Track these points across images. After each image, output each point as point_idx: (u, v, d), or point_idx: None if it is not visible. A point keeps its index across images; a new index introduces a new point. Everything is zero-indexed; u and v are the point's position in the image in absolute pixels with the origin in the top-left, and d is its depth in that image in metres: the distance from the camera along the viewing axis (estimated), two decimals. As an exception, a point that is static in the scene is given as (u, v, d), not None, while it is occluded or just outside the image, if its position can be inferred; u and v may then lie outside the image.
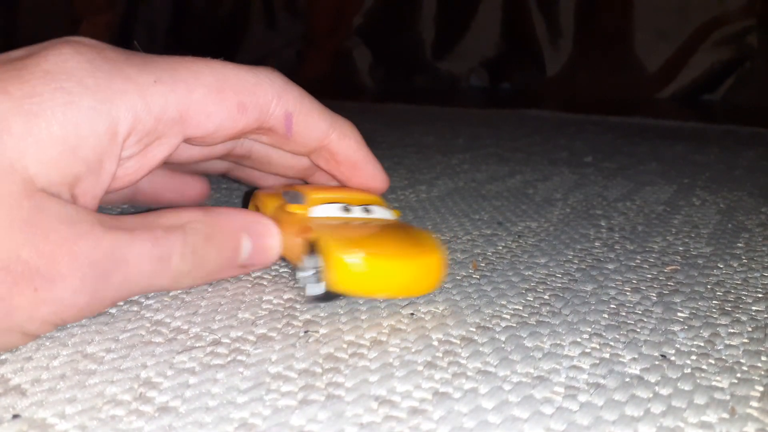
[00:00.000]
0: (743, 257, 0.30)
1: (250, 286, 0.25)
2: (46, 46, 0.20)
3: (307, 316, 0.22)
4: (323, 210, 0.25)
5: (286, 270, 0.26)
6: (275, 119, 0.23)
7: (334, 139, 0.25)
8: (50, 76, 0.19)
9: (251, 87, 0.23)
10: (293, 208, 0.25)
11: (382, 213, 0.25)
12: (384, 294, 0.22)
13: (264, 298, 0.23)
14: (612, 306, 0.24)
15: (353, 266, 0.21)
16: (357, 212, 0.25)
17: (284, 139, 0.25)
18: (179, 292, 0.24)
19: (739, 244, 0.32)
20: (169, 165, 0.28)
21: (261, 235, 0.24)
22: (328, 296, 0.23)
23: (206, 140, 0.23)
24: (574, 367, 0.19)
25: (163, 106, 0.21)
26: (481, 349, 0.20)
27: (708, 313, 0.24)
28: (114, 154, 0.20)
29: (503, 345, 0.20)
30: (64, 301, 0.19)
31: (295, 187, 0.27)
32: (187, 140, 0.23)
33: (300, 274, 0.23)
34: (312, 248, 0.23)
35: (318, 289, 0.22)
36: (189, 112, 0.21)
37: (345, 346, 0.20)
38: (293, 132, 0.24)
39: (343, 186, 0.27)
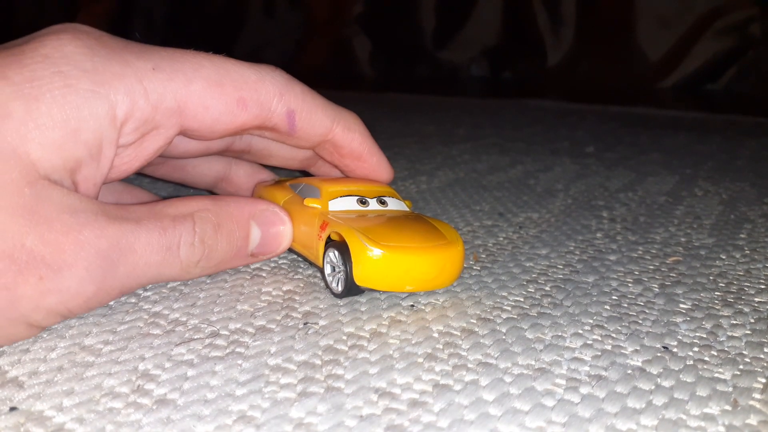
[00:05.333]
0: (746, 248, 0.30)
1: (248, 278, 0.24)
2: (44, 33, 0.20)
3: (307, 308, 0.22)
4: (341, 203, 0.25)
5: (285, 262, 0.26)
6: (278, 117, 0.23)
7: (338, 132, 0.25)
8: (49, 61, 0.19)
9: (253, 83, 0.22)
10: (310, 201, 0.25)
11: (396, 204, 0.25)
12: (408, 287, 0.22)
13: (263, 290, 0.23)
14: (614, 297, 0.24)
15: (379, 261, 0.21)
16: (373, 204, 0.25)
17: (288, 136, 0.24)
18: (177, 283, 0.23)
19: (742, 235, 0.32)
20: (166, 159, 0.28)
21: (271, 223, 0.24)
22: (352, 291, 0.22)
23: (204, 134, 0.22)
24: (576, 358, 0.19)
25: (161, 94, 0.21)
26: (481, 340, 0.20)
27: (710, 305, 0.23)
28: (113, 139, 0.20)
29: (504, 337, 0.20)
30: (71, 291, 0.19)
31: (300, 180, 0.27)
32: (184, 133, 0.22)
33: (326, 272, 0.23)
34: (333, 244, 0.23)
35: (341, 284, 0.22)
36: (187, 103, 0.21)
37: (345, 338, 0.20)
38: (297, 129, 0.24)
39: (350, 177, 0.27)
